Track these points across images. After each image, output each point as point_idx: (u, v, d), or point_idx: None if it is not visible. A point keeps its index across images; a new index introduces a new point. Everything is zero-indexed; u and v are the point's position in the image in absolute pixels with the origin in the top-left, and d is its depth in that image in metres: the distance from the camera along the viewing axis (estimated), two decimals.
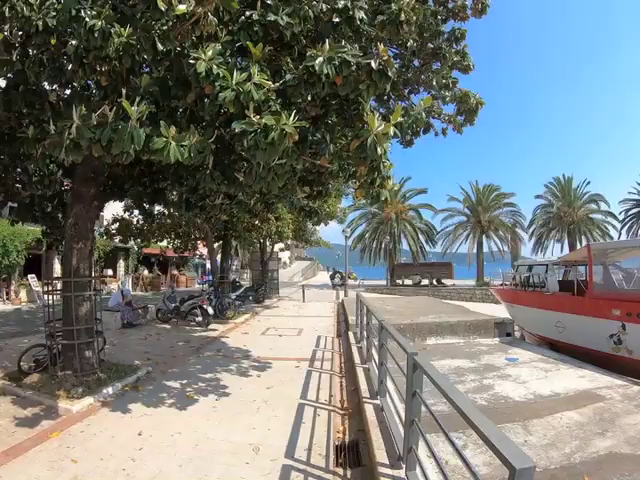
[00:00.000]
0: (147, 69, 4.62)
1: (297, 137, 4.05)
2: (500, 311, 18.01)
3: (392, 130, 4.36)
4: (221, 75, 3.84)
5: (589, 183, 46.93)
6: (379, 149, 4.31)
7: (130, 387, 7.40)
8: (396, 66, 7.12)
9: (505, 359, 9.78)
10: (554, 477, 4.51)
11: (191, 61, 3.91)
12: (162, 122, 3.95)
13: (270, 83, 4.04)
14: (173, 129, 3.96)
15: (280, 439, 5.42)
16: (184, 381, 7.91)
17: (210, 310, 14.21)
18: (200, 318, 14.13)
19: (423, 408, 3.60)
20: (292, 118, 3.93)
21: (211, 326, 14.05)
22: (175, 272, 36.10)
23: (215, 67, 3.84)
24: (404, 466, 3.85)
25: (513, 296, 17.04)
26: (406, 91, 7.65)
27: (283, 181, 5.03)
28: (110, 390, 7.01)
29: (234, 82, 3.83)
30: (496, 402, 6.86)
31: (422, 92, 7.73)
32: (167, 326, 14.46)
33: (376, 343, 6.62)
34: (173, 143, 3.94)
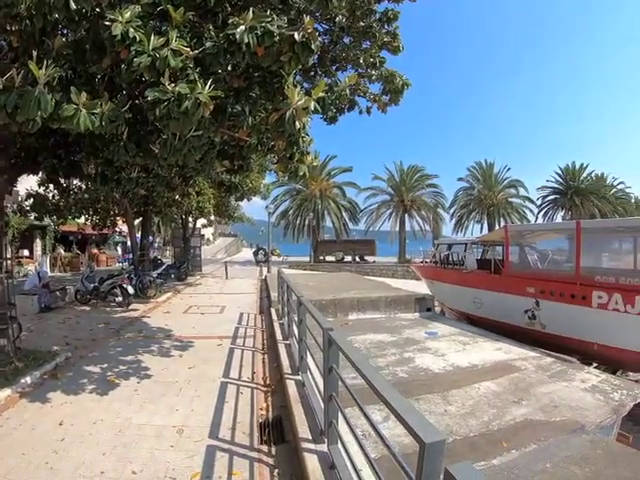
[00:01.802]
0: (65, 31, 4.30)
1: (212, 107, 3.88)
2: (421, 287, 18.56)
3: (313, 105, 4.27)
4: (137, 39, 3.61)
5: (509, 169, 49.63)
6: (297, 123, 4.20)
7: (49, 375, 7.01)
8: (325, 41, 7.02)
9: (425, 333, 10.12)
10: (473, 444, 4.71)
11: (107, 23, 3.62)
12: (73, 88, 3.68)
13: (188, 50, 3.82)
14: (84, 96, 3.70)
15: (204, 419, 5.35)
16: (105, 365, 7.59)
17: (130, 289, 13.71)
18: (120, 298, 13.59)
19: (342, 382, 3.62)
20: (208, 87, 3.77)
21: (132, 306, 13.57)
22: (95, 251, 34.29)
23: (132, 30, 3.60)
24: (326, 440, 3.87)
25: (433, 273, 17.64)
26: (334, 67, 7.58)
27: (200, 154, 4.81)
28: (28, 379, 6.59)
29: (150, 47, 3.61)
30: (416, 374, 7.09)
31: (350, 70, 7.68)
32: (87, 308, 13.72)
33: (296, 319, 6.63)
34: (83, 111, 3.69)
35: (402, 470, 2.12)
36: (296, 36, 3.83)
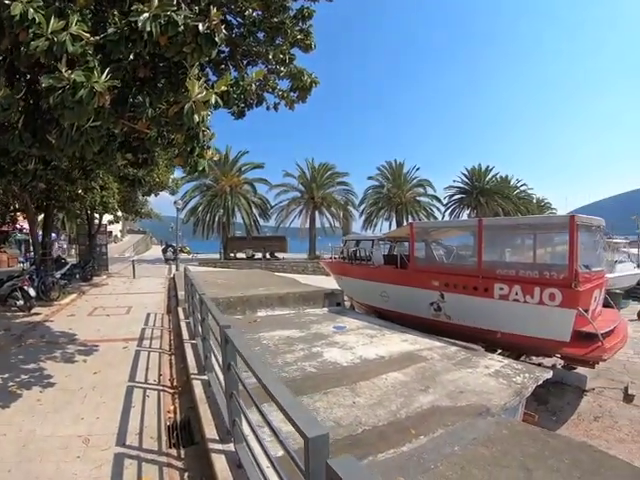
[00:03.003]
0: None
1: (108, 97, 3.68)
2: (330, 283, 18.80)
3: (214, 98, 4.18)
4: (37, 21, 3.35)
5: (418, 169, 52.00)
6: (197, 117, 4.10)
7: None
8: (237, 35, 6.88)
9: (333, 327, 10.27)
10: (382, 433, 4.80)
11: (7, 2, 3.34)
12: None
13: (89, 36, 3.61)
14: None
15: (110, 427, 5.12)
16: (5, 375, 7.03)
17: (32, 292, 12.74)
18: (21, 302, 12.58)
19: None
20: (105, 76, 3.58)
21: (34, 310, 12.65)
22: None
23: (32, 11, 3.33)
24: (233, 439, 3.85)
25: (342, 269, 17.91)
26: (245, 62, 7.48)
27: (99, 145, 4.54)
28: None
29: (49, 30, 3.37)
30: (325, 368, 7.15)
31: (260, 65, 7.62)
32: None
33: (200, 317, 6.53)
34: None
35: (296, 467, 2.14)
36: (200, 27, 3.71)
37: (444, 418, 5.26)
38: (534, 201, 60.81)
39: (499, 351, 10.19)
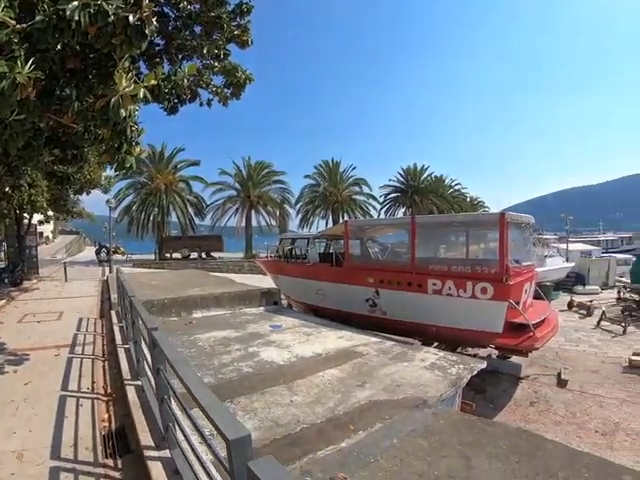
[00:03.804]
0: None
1: (32, 89, 3.50)
2: (267, 282, 18.70)
3: (142, 92, 4.05)
4: None
5: (355, 168, 52.91)
6: (123, 111, 3.95)
7: None
8: (168, 27, 6.68)
9: (269, 326, 10.23)
10: (321, 430, 4.81)
11: None
12: None
13: (14, 23, 3.41)
14: None
15: (44, 440, 4.86)
16: None
17: None
18: None
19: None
20: (29, 66, 3.40)
21: None
22: None
23: None
24: (168, 445, 3.76)
25: (277, 267, 17.88)
26: (180, 56, 7.29)
27: (23, 140, 4.31)
28: None
29: None
30: (262, 368, 7.10)
31: (196, 60, 7.46)
32: None
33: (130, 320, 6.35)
34: None
35: (224, 469, 2.14)
36: (130, 18, 3.57)
37: (382, 412, 5.33)
38: (468, 200, 63.49)
39: (435, 344, 10.49)
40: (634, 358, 11.49)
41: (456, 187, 60.38)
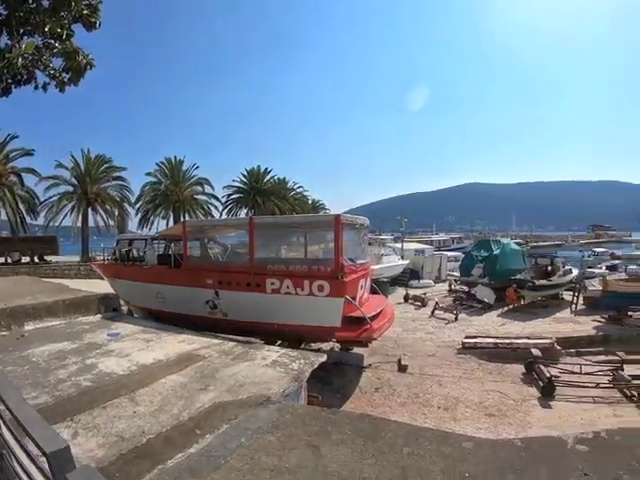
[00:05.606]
0: None
1: None
2: (105, 286, 17.70)
3: None
4: None
5: (198, 167, 52.40)
6: None
7: None
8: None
9: (107, 335, 9.70)
10: (167, 438, 4.70)
11: None
12: None
13: None
14: None
15: None
16: None
17: None
18: None
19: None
20: None
21: None
22: None
23: None
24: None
25: (115, 271, 16.87)
26: (21, 30, 6.63)
27: None
28: None
29: None
30: (101, 380, 6.68)
31: (37, 37, 6.81)
32: None
33: None
34: None
35: None
36: None
37: (227, 413, 5.35)
38: (310, 202, 66.19)
39: (279, 342, 10.74)
40: (466, 340, 13.10)
41: (298, 190, 63.54)
